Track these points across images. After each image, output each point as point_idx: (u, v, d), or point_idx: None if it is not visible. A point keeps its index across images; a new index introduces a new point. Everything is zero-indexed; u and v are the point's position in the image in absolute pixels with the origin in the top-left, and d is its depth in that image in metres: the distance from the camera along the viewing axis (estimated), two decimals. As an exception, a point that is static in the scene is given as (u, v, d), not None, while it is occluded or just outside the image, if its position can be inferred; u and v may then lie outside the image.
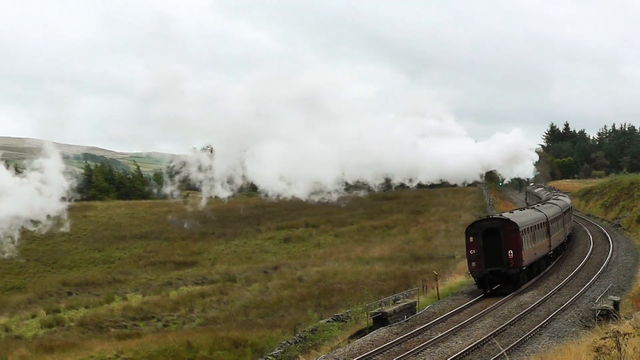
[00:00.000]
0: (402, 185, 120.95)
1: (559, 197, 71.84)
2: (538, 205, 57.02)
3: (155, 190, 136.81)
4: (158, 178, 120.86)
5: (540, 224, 47.31)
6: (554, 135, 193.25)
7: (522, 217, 44.95)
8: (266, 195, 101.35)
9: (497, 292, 41.05)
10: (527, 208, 55.14)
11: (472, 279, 42.91)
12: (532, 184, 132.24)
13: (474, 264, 41.08)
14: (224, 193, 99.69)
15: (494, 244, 40.79)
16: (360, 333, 33.85)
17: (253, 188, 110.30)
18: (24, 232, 58.22)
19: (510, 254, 40.63)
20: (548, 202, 60.58)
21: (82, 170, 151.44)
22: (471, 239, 41.48)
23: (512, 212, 48.57)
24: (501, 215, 45.74)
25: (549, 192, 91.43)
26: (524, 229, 42.35)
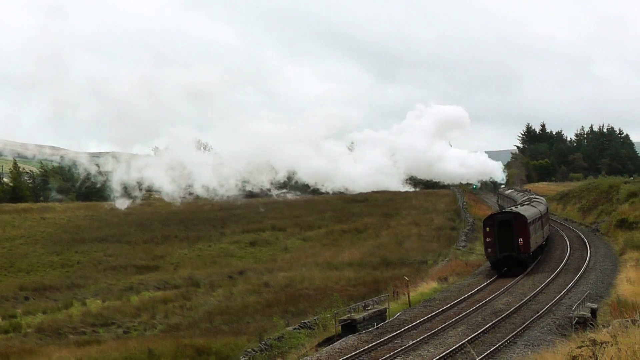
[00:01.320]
0: (315, 191, 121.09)
1: (537, 198, 72.04)
2: (532, 203, 63.01)
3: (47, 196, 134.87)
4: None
5: (537, 218, 54.28)
6: (530, 136, 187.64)
7: (527, 211, 52.35)
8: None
9: (507, 274, 47.28)
10: (525, 205, 60.71)
11: (445, 285, 45.66)
12: (503, 186, 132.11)
13: (489, 250, 48.26)
14: (122, 203, 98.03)
15: (507, 233, 47.91)
16: (329, 341, 32.72)
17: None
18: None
19: (520, 241, 47.87)
20: (535, 201, 66.60)
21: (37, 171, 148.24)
22: (488, 229, 48.75)
23: (519, 208, 56.10)
24: (512, 209, 54.90)
25: (521, 194, 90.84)
26: (530, 221, 49.70)
